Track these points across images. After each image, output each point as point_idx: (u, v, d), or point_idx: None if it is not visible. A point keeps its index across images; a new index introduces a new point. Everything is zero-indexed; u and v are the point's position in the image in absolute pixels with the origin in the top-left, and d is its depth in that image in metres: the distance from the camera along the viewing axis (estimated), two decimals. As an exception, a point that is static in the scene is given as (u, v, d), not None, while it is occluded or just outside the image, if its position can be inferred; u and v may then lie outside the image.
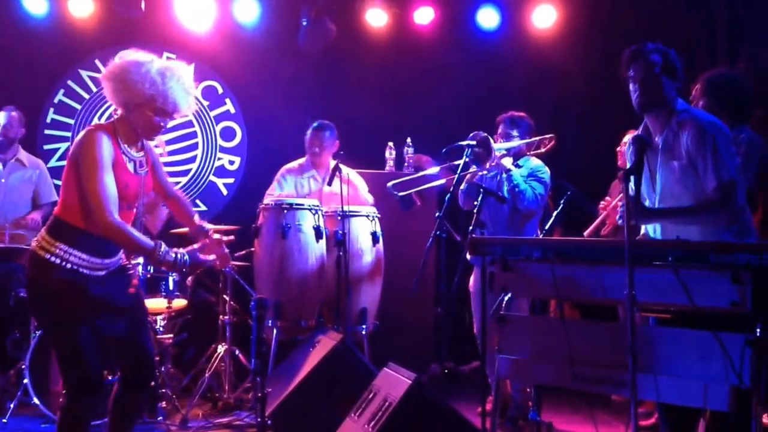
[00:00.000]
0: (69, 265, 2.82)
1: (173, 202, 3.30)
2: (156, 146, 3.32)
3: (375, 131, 5.99)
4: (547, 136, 4.46)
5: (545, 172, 4.42)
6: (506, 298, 3.13)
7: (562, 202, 4.34)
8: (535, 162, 4.47)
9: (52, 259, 2.80)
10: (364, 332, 4.64)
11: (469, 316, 4.87)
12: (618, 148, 4.62)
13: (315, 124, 5.04)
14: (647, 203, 3.10)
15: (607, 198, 4.54)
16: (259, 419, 2.32)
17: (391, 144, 5.67)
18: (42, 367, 4.20)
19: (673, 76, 3.04)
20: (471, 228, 3.72)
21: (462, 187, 4.35)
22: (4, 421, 4.26)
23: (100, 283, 2.90)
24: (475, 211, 3.81)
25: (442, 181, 4.64)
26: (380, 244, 4.79)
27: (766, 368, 2.36)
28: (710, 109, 3.43)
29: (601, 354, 2.62)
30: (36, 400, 4.14)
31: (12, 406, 4.30)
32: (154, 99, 2.89)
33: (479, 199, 3.88)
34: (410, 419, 3.13)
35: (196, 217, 3.33)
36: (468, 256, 4.49)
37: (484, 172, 4.38)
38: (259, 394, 2.34)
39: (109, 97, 2.97)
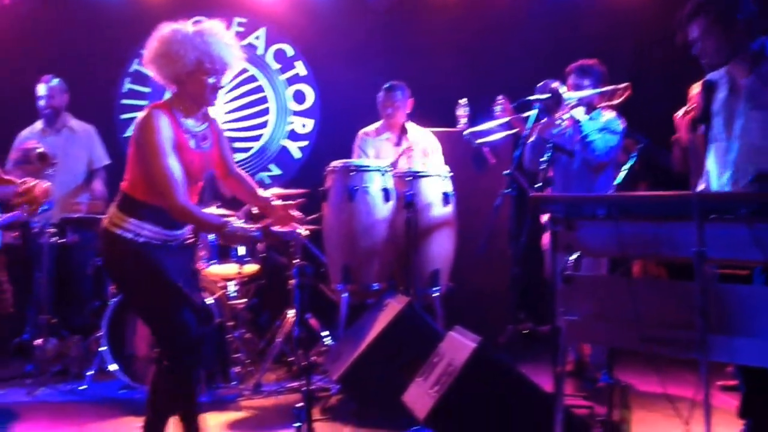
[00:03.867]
0: (141, 239, 2.86)
1: (233, 181, 3.25)
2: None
3: (446, 88, 5.81)
4: (621, 85, 4.18)
5: (619, 125, 4.18)
6: (574, 257, 2.97)
7: (634, 154, 4.07)
8: (609, 115, 4.23)
9: (124, 234, 2.85)
10: (436, 294, 4.54)
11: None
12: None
13: (386, 86, 4.94)
14: (717, 144, 2.86)
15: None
16: (304, 389, 2.25)
17: (462, 101, 5.48)
18: (119, 334, 4.32)
19: (741, 20, 2.76)
20: (539, 186, 3.54)
21: (531, 139, 4.16)
22: (85, 387, 4.42)
23: (171, 254, 2.94)
24: (542, 168, 3.62)
25: (515, 130, 4.48)
26: (452, 204, 4.64)
27: None
28: None
29: (670, 314, 2.41)
30: (113, 367, 4.27)
31: (91, 373, 4.46)
32: (201, 62, 2.86)
33: (548, 155, 3.68)
34: (474, 383, 3.04)
35: (259, 191, 3.28)
36: (544, 218, 4.33)
37: (557, 122, 4.16)
38: (304, 363, 2.28)
39: (158, 77, 2.95)
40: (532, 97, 3.98)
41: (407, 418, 3.43)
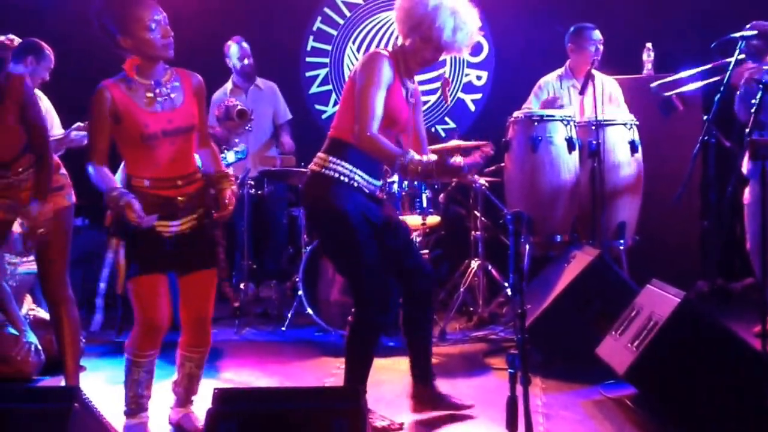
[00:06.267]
0: (355, 183, 2.89)
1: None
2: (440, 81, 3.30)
3: (628, 32, 5.52)
4: None
5: None
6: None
7: None
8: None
9: (331, 173, 2.87)
10: (622, 247, 4.41)
11: (741, 229, 4.43)
12: None
13: (582, 25, 4.77)
14: None
15: None
16: (518, 335, 2.28)
17: (648, 45, 5.21)
18: (314, 280, 4.54)
19: None
20: (748, 130, 3.31)
21: (739, 91, 3.86)
22: (283, 329, 4.73)
23: (378, 203, 2.99)
24: (753, 111, 3.38)
25: (710, 81, 4.17)
26: (639, 154, 4.48)
27: None
28: None
29: None
30: (309, 311, 4.50)
31: (289, 315, 4.74)
32: (429, 28, 2.84)
33: (758, 96, 3.42)
34: (679, 339, 2.94)
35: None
36: (744, 169, 4.06)
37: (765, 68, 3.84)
38: (519, 310, 2.30)
39: (397, 24, 2.98)
40: (737, 34, 3.68)
41: (597, 371, 3.40)
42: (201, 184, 2.88)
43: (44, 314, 3.88)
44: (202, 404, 2.98)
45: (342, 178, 2.87)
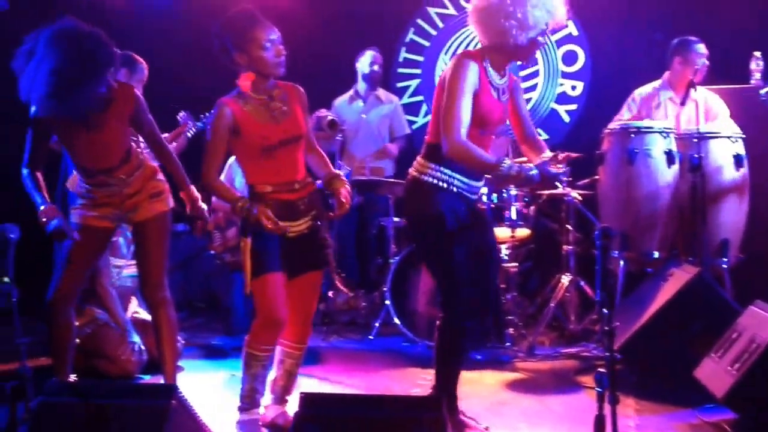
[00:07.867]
0: (455, 189, 2.91)
1: (527, 145, 3.14)
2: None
3: (734, 40, 5.29)
4: None
5: None
6: None
7: None
8: None
9: (436, 182, 2.90)
10: (725, 266, 4.20)
11: None
12: None
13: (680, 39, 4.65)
14: None
15: None
16: (607, 353, 2.20)
17: (757, 53, 4.97)
18: (402, 290, 4.56)
19: None
20: None
21: None
22: (371, 338, 4.76)
23: (474, 211, 3.00)
24: None
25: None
26: (745, 168, 4.26)
27: None
28: None
29: None
30: (397, 321, 4.52)
31: (377, 325, 4.77)
32: (521, 20, 2.80)
33: None
34: (784, 364, 2.78)
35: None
36: None
37: None
38: (606, 328, 2.22)
39: (477, 28, 2.94)
40: None
41: (695, 393, 3.27)
42: (312, 187, 3.05)
43: (146, 316, 4.03)
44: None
45: (441, 184, 2.90)
